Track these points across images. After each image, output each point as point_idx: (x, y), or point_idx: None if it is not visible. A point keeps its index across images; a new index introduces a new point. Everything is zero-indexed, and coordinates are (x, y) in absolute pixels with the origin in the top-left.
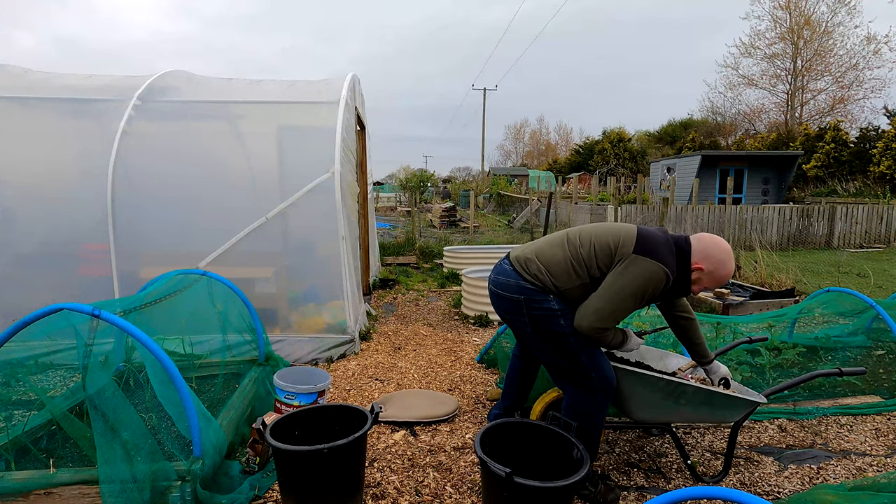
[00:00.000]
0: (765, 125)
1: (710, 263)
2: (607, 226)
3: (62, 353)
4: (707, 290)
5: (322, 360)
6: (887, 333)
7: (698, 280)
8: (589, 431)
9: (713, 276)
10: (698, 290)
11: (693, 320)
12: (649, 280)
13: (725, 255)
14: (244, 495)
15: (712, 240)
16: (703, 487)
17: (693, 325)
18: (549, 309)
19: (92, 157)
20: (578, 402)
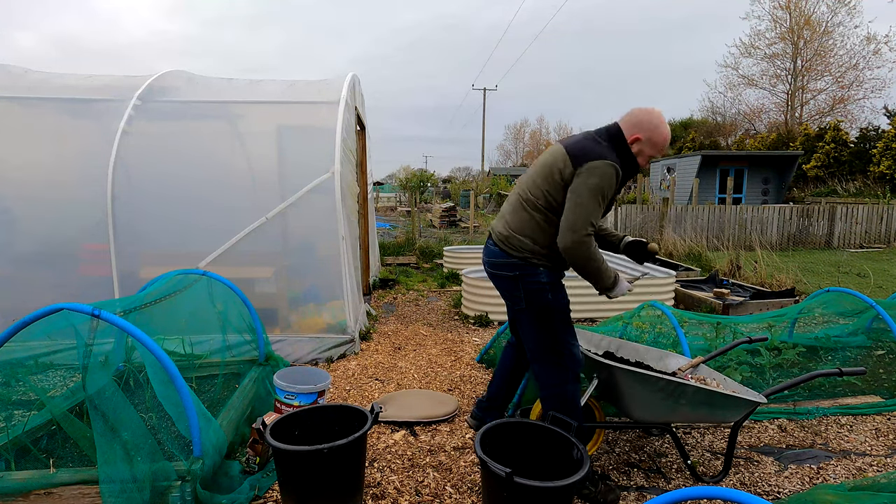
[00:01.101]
0: (765, 125)
1: (645, 130)
2: (539, 164)
3: (62, 353)
4: (653, 158)
5: (322, 360)
6: (887, 333)
7: (640, 151)
8: (566, 407)
9: (652, 141)
10: (645, 161)
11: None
12: (602, 178)
13: (657, 118)
14: (244, 495)
15: (640, 110)
16: (703, 487)
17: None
18: (539, 283)
19: (92, 157)
20: (553, 380)
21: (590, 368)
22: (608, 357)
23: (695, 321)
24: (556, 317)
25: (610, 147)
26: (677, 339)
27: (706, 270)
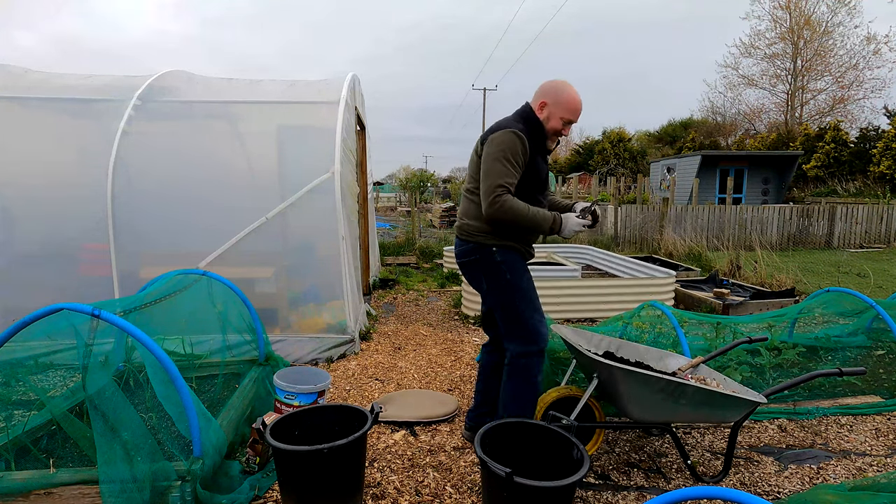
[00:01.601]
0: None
1: (550, 95)
2: (473, 151)
3: (62, 353)
4: (566, 121)
5: (322, 360)
6: (887, 333)
7: (549, 115)
8: (528, 380)
9: (559, 104)
10: (557, 123)
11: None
12: (502, 143)
13: (561, 83)
14: (244, 495)
15: (546, 81)
16: (703, 487)
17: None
18: (493, 262)
19: (92, 158)
20: (519, 352)
21: (590, 368)
22: (608, 357)
23: (695, 321)
24: (516, 294)
25: (517, 119)
26: (677, 339)
27: (706, 270)
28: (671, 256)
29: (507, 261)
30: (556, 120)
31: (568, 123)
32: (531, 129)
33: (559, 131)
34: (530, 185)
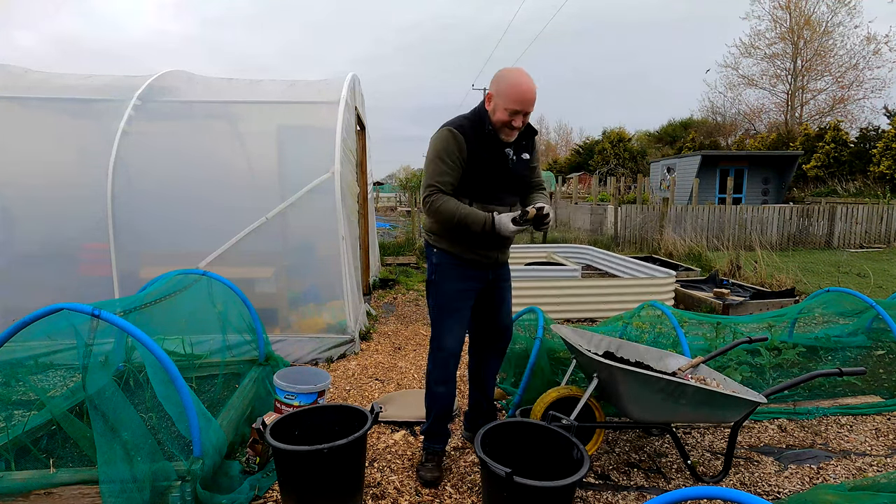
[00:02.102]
0: (765, 125)
1: (494, 85)
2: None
3: (62, 353)
4: (513, 112)
5: (322, 360)
6: (887, 333)
7: (495, 106)
8: (428, 386)
9: (501, 94)
10: (504, 115)
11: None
12: (437, 142)
13: (507, 72)
14: (244, 495)
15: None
16: (703, 487)
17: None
18: (431, 262)
19: (92, 158)
20: (429, 357)
21: (590, 368)
22: (608, 357)
23: (695, 321)
24: (436, 300)
25: (468, 114)
26: (677, 339)
27: (706, 270)
28: (671, 256)
29: (441, 263)
30: (502, 111)
31: (516, 114)
32: (475, 123)
33: (508, 123)
34: (479, 182)
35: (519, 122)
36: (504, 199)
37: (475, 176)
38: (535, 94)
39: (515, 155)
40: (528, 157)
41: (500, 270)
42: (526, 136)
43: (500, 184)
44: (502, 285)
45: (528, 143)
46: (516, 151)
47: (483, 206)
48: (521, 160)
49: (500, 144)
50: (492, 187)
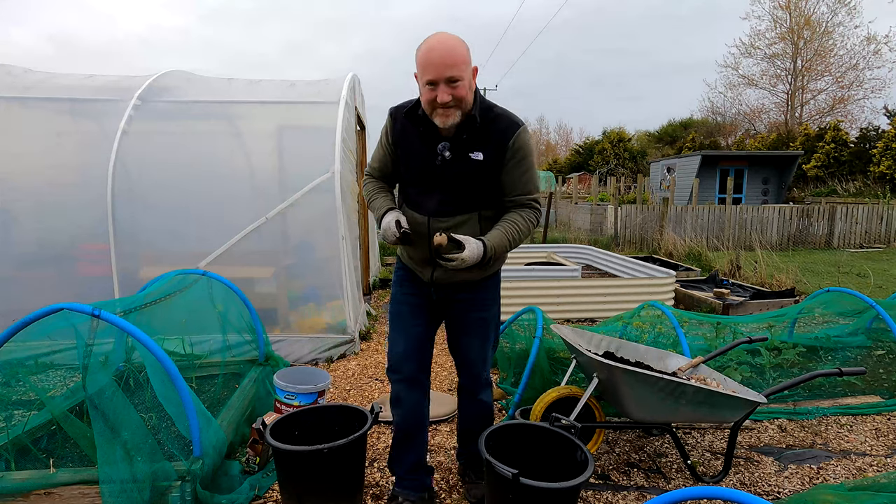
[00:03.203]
0: (765, 125)
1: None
2: None
3: (62, 353)
4: (428, 83)
5: (322, 360)
6: (887, 333)
7: (420, 86)
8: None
9: (417, 63)
10: (425, 94)
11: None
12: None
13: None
14: (244, 495)
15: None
16: (703, 487)
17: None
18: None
19: (92, 157)
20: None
21: (590, 368)
22: (608, 357)
23: (695, 321)
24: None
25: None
26: (677, 339)
27: (706, 270)
28: (671, 256)
29: (397, 270)
30: (422, 87)
31: (431, 85)
32: (413, 107)
33: (432, 100)
34: (405, 177)
35: (445, 97)
36: (426, 205)
37: (402, 169)
38: (452, 55)
39: (454, 152)
40: (481, 158)
41: (447, 292)
42: (489, 132)
43: (424, 185)
44: (459, 309)
45: (490, 141)
46: (460, 148)
47: (410, 209)
48: (462, 160)
49: (435, 137)
50: (414, 187)
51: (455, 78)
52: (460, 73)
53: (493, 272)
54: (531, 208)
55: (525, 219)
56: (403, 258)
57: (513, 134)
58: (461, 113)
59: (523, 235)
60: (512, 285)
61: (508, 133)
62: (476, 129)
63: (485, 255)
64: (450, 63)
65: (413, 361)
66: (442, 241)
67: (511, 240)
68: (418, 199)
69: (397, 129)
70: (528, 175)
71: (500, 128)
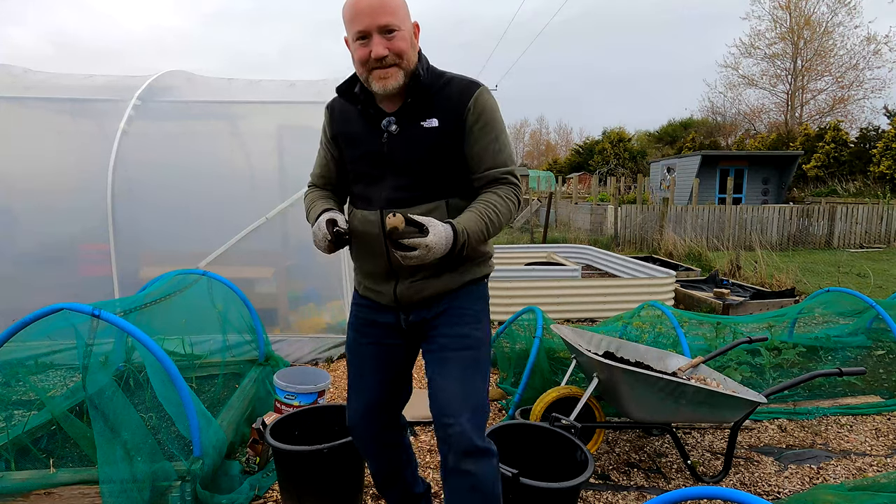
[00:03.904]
0: (765, 125)
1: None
2: None
3: (62, 353)
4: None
5: (322, 360)
6: (887, 333)
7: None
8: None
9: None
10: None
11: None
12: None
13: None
14: (244, 495)
15: None
16: (703, 487)
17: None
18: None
19: (92, 157)
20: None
21: (590, 368)
22: (608, 357)
23: (695, 321)
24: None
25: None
26: (677, 339)
27: (706, 270)
28: (671, 256)
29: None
30: (354, 46)
31: (363, 38)
32: (348, 86)
33: (366, 57)
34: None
35: (381, 49)
36: (376, 197)
37: (347, 164)
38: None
39: (402, 124)
40: (436, 125)
41: (418, 313)
42: (442, 97)
43: (371, 173)
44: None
45: (444, 105)
46: (408, 117)
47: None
48: (413, 131)
49: (378, 113)
50: (361, 181)
51: (390, 27)
52: (397, 20)
53: (475, 276)
54: (508, 184)
55: (503, 197)
56: (359, 286)
57: (472, 94)
58: (403, 74)
59: (503, 217)
60: (512, 285)
61: (467, 94)
62: (425, 93)
63: (455, 240)
64: (381, 8)
65: (374, 424)
66: (397, 224)
67: (488, 222)
68: (366, 193)
69: (335, 118)
70: (498, 143)
71: (454, 90)
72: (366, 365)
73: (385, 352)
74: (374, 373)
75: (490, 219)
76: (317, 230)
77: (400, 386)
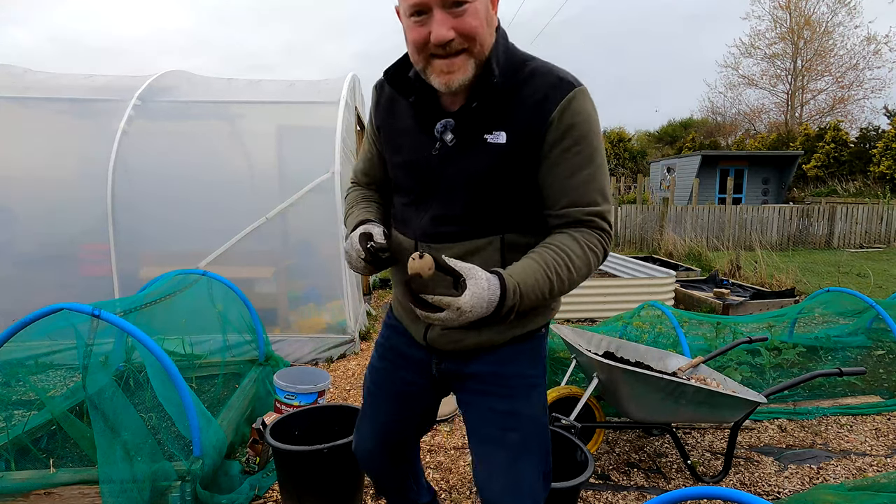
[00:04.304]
0: (765, 125)
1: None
2: None
3: (62, 353)
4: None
5: (322, 360)
6: (887, 333)
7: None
8: None
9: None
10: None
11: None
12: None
13: None
14: (244, 495)
15: None
16: (703, 487)
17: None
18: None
19: (92, 157)
20: None
21: (590, 368)
22: (608, 357)
23: (695, 321)
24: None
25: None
26: (677, 339)
27: (706, 270)
28: (671, 256)
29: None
30: (407, 24)
31: (419, 14)
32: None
33: (424, 41)
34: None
35: (445, 31)
36: (414, 223)
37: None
38: None
39: (460, 133)
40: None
41: (454, 363)
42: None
43: (414, 190)
44: (470, 393)
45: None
46: (469, 126)
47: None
48: (472, 146)
49: (434, 110)
50: (402, 194)
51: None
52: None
53: (531, 328)
54: (595, 229)
55: (583, 246)
56: (394, 306)
57: (560, 99)
58: (474, 63)
59: (577, 275)
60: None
61: (553, 98)
62: (496, 92)
63: (503, 302)
64: None
65: (381, 456)
66: (422, 270)
67: (555, 280)
68: (405, 213)
69: (381, 104)
70: (588, 171)
71: (537, 90)
72: (382, 394)
73: (409, 391)
74: (391, 408)
75: (559, 275)
76: (349, 248)
77: (420, 424)
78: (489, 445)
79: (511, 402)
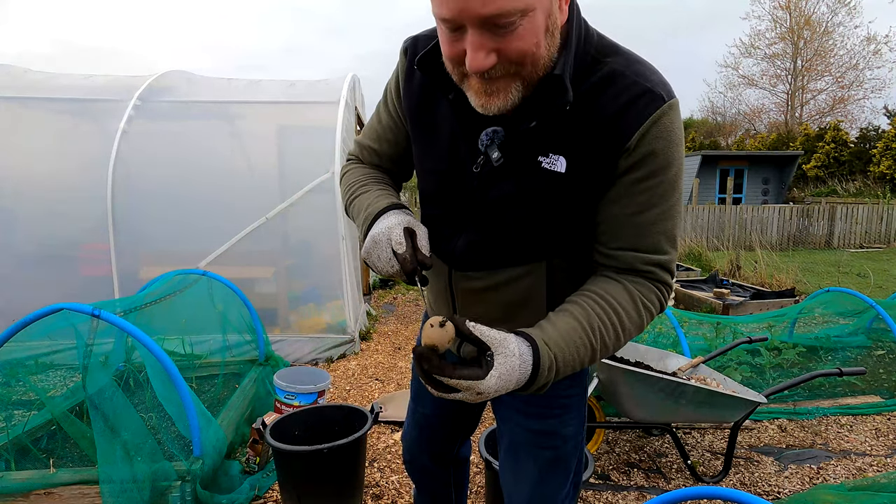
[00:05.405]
0: (765, 125)
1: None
2: None
3: (62, 353)
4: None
5: (322, 360)
6: (887, 333)
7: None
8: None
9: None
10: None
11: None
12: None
13: None
14: (244, 495)
15: None
16: (703, 487)
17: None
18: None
19: (92, 157)
20: None
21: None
22: (608, 357)
23: (695, 321)
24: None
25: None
26: (677, 339)
27: (706, 270)
28: None
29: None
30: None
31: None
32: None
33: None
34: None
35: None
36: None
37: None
38: None
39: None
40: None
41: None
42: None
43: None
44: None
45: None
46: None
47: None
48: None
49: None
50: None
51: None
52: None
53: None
54: (654, 281)
55: (638, 303)
56: (429, 306)
57: (645, 117)
58: (522, 84)
59: (626, 336)
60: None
61: (636, 114)
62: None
63: (535, 377)
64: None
65: (425, 454)
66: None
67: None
68: (435, 227)
69: (413, 89)
70: (659, 211)
71: (615, 100)
72: (422, 398)
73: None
74: (432, 405)
75: (604, 342)
76: (380, 237)
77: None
78: (520, 457)
79: (547, 423)
